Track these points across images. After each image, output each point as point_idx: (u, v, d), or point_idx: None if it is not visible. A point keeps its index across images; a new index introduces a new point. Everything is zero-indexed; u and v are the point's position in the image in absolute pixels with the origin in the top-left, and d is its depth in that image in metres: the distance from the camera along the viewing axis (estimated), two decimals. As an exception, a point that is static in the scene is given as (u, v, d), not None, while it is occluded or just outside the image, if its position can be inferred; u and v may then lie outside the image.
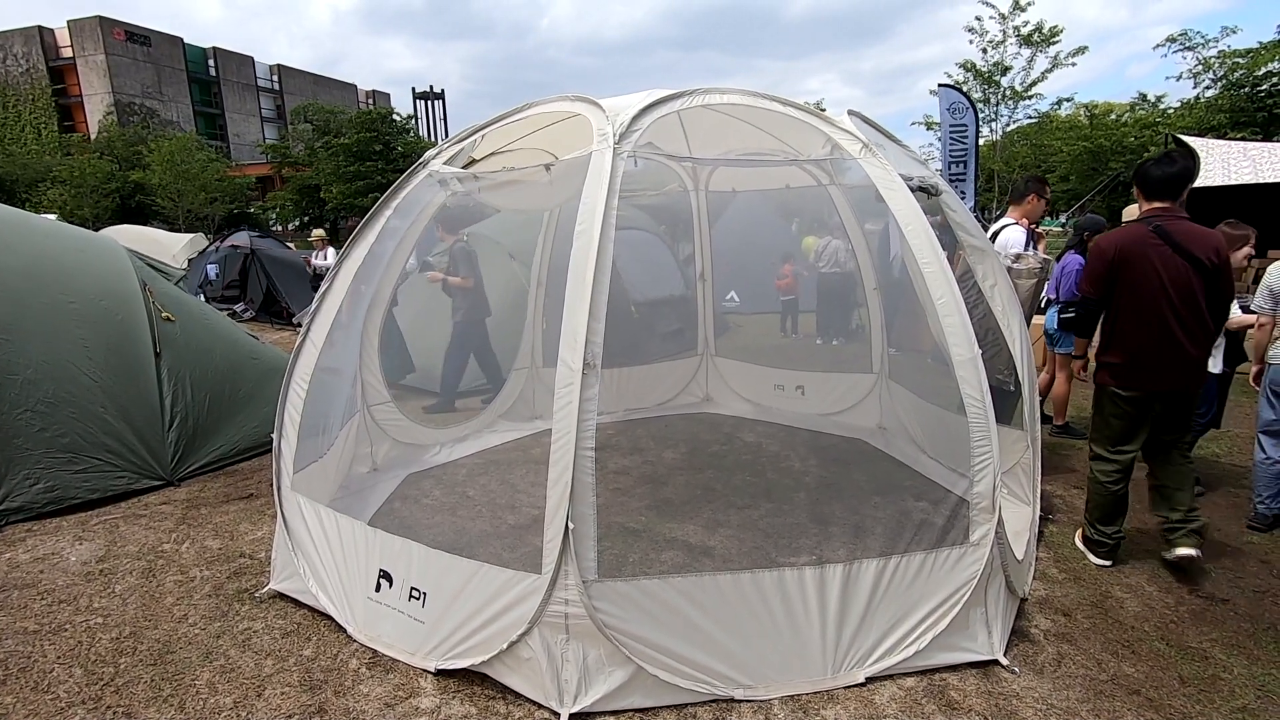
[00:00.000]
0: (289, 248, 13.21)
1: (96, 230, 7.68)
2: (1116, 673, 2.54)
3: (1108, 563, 3.30)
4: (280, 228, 35.51)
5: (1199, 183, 9.39)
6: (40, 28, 42.63)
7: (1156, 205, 3.11)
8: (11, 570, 3.33)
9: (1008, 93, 23.88)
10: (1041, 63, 23.06)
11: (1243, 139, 14.33)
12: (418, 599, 2.63)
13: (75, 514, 3.94)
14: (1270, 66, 18.35)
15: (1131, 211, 5.52)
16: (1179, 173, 3.04)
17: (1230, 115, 19.37)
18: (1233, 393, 4.51)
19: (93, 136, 39.37)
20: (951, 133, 9.21)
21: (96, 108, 41.95)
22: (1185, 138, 10.68)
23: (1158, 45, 21.97)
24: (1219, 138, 14.22)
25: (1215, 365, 3.84)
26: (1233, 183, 9.48)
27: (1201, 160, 9.59)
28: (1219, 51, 20.47)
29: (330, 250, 9.96)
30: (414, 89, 50.70)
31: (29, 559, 3.44)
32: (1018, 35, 22.73)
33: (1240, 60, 19.67)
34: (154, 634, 2.81)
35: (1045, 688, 2.46)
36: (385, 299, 4.19)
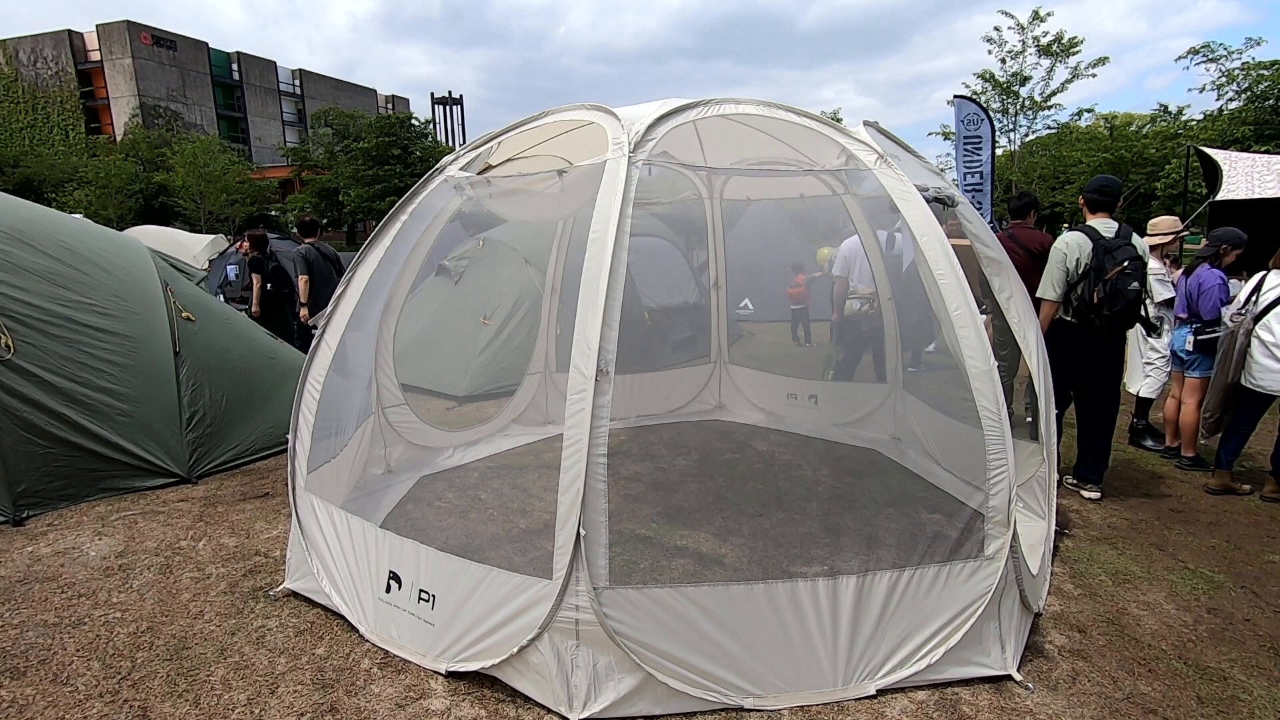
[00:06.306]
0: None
1: (120, 230, 7.84)
2: (1132, 691, 2.51)
3: None
4: (298, 230, 35.93)
5: (1222, 196, 9.26)
6: (70, 31, 43.62)
7: (1015, 221, 5.18)
8: (33, 564, 3.39)
9: (1026, 103, 23.72)
10: (1061, 73, 22.92)
11: (1267, 152, 14.14)
12: (427, 601, 2.65)
13: (95, 509, 4.01)
14: (1296, 79, 18.14)
15: (1156, 224, 5.35)
16: (1024, 205, 5.20)
17: (1255, 128, 19.12)
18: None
19: (118, 138, 40.16)
20: (967, 144, 9.16)
21: (122, 110, 42.82)
22: (1208, 150, 10.54)
23: (1179, 57, 21.84)
24: (1243, 151, 14.04)
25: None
26: (1256, 196, 9.35)
27: (1225, 173, 9.46)
28: (1243, 64, 20.24)
29: None
30: (433, 94, 51.34)
31: (50, 553, 3.50)
32: (1037, 45, 22.60)
33: (1265, 72, 19.41)
34: (170, 629, 2.85)
35: (1059, 705, 2.43)
36: (400, 302, 4.23)
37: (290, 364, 5.33)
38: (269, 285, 7.10)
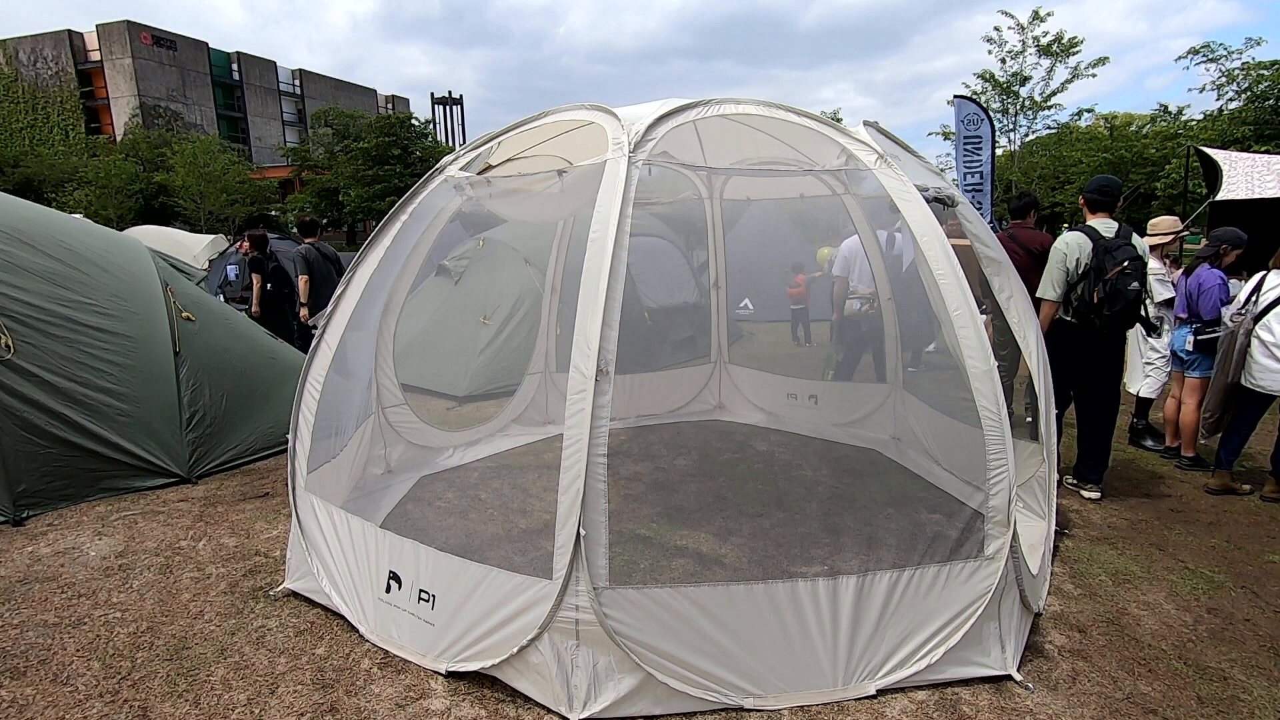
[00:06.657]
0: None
1: (121, 230, 7.86)
2: (1132, 691, 2.51)
3: None
4: (297, 230, 35.99)
5: (1222, 196, 9.27)
6: (70, 31, 43.60)
7: (1015, 221, 5.22)
8: (33, 564, 3.39)
9: (1026, 103, 23.73)
10: (1061, 73, 22.93)
11: (1267, 152, 14.14)
12: (427, 601, 2.65)
13: (95, 509, 4.01)
14: (1296, 79, 18.13)
15: (1156, 224, 5.35)
16: (1023, 205, 5.24)
17: (1255, 128, 19.12)
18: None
19: (118, 138, 40.15)
20: (967, 144, 9.16)
21: (122, 110, 42.81)
22: (1208, 150, 10.55)
23: (1179, 57, 21.92)
24: (1243, 151, 14.04)
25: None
26: (1256, 196, 9.35)
27: (1225, 173, 9.47)
28: (1243, 64, 20.25)
29: None
30: (433, 94, 51.34)
31: (50, 553, 3.50)
32: (1037, 45, 22.61)
33: (1265, 72, 19.42)
34: (170, 629, 2.85)
35: (1059, 705, 2.43)
36: (400, 302, 4.23)
37: (290, 364, 5.33)
38: (269, 285, 7.13)
